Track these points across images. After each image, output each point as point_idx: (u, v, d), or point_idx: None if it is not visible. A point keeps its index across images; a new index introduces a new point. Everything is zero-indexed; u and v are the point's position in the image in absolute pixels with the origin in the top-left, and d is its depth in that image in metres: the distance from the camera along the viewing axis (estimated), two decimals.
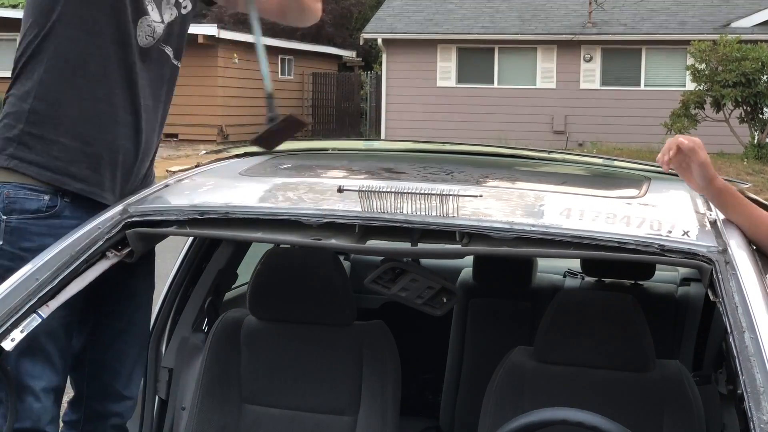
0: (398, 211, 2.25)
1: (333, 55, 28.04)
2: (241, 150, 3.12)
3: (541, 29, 22.12)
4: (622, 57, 21.83)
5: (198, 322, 3.16)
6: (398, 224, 2.25)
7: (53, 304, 2.20)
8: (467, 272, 3.82)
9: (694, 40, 17.95)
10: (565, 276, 4.00)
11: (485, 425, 2.60)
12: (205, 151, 3.31)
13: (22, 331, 2.13)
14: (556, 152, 3.13)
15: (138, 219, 2.37)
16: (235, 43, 21.80)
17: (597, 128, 21.11)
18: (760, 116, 17.45)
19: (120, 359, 2.67)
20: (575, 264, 3.96)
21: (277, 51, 23.26)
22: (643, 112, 20.66)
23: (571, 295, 3.33)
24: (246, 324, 2.87)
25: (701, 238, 2.16)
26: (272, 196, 2.44)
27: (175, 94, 2.73)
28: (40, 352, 2.42)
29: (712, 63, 17.06)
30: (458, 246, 2.25)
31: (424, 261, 2.85)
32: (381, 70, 23.89)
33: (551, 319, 2.65)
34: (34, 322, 2.15)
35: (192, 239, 3.15)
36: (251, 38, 2.58)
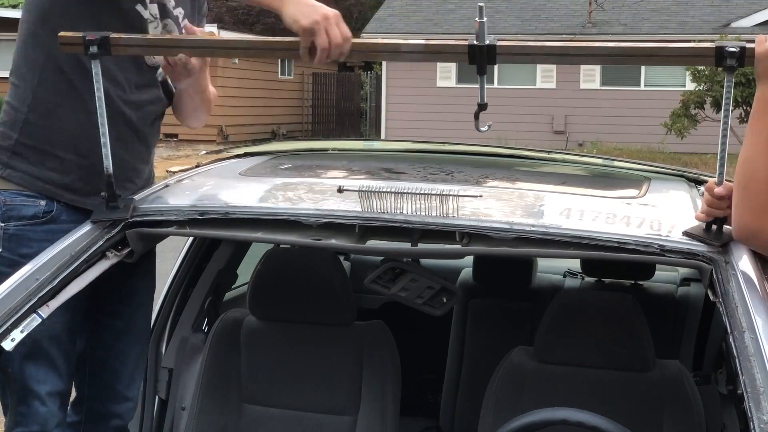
0: (398, 211, 2.25)
1: None
2: (241, 150, 3.12)
3: (541, 29, 22.11)
4: None
5: (198, 322, 3.16)
6: (398, 224, 2.25)
7: (53, 304, 2.20)
8: (467, 272, 3.82)
9: (694, 40, 17.91)
10: (565, 276, 4.00)
11: (485, 425, 2.60)
12: (205, 151, 3.31)
13: (22, 331, 2.12)
14: (555, 152, 3.13)
15: (138, 219, 2.37)
16: None
17: (597, 128, 21.10)
18: None
19: (121, 359, 2.66)
20: (575, 264, 3.95)
21: None
22: (643, 112, 20.64)
23: (571, 295, 3.33)
24: (246, 324, 2.87)
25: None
26: (272, 196, 2.44)
27: None
28: (44, 356, 2.42)
29: None
30: (458, 246, 2.25)
31: (424, 261, 2.85)
32: (381, 70, 23.88)
33: (551, 319, 2.65)
34: (34, 322, 2.15)
35: (192, 239, 3.15)
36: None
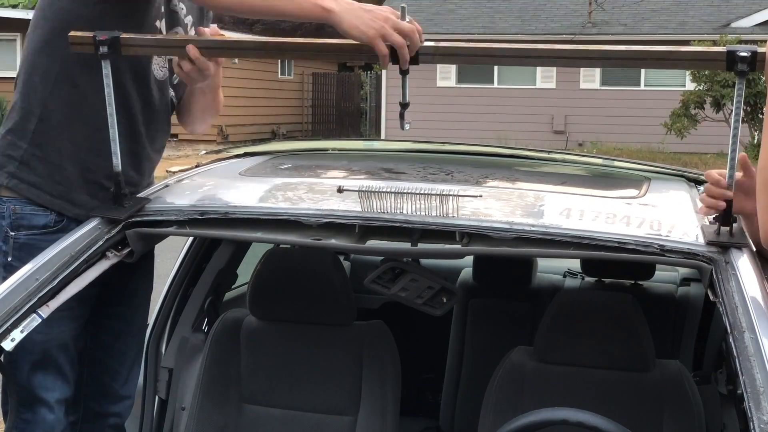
0: (398, 211, 2.25)
1: None
2: (241, 150, 3.12)
3: (541, 29, 22.11)
4: None
5: (198, 322, 3.16)
6: (398, 224, 2.25)
7: (53, 304, 2.20)
8: (467, 272, 3.82)
9: (694, 41, 17.94)
10: (565, 276, 4.00)
11: (485, 425, 2.60)
12: (205, 151, 3.31)
13: (22, 331, 2.12)
14: (555, 152, 3.12)
15: (138, 219, 2.37)
16: None
17: (597, 128, 21.10)
18: (760, 116, 17.43)
19: (119, 360, 2.66)
20: (575, 264, 3.95)
21: None
22: (643, 112, 20.65)
23: (571, 295, 3.33)
24: (246, 324, 2.87)
25: (701, 238, 2.16)
26: (272, 196, 2.44)
27: None
28: (53, 364, 2.42)
29: None
30: (458, 246, 2.25)
31: (424, 261, 2.85)
32: (381, 70, 23.88)
33: (551, 319, 2.65)
34: (34, 322, 2.15)
35: (192, 239, 3.15)
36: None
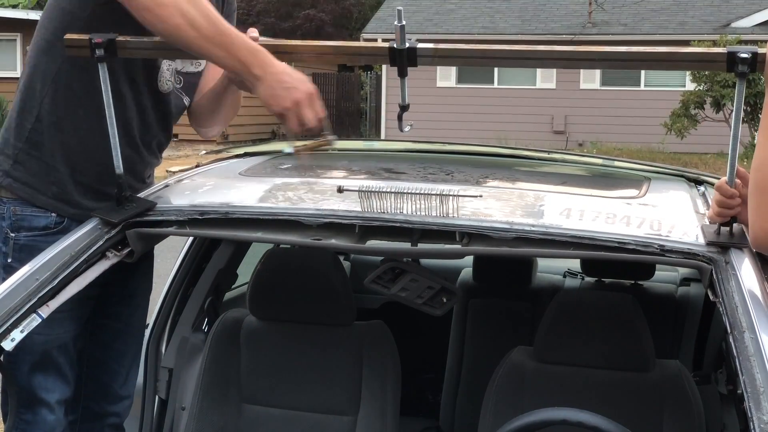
0: (398, 211, 2.25)
1: None
2: (241, 150, 3.12)
3: (541, 29, 22.11)
4: None
5: (198, 322, 3.16)
6: (398, 224, 2.25)
7: (53, 304, 2.20)
8: (467, 272, 3.82)
9: (694, 41, 17.95)
10: (565, 276, 4.00)
11: (485, 425, 2.60)
12: (205, 151, 3.30)
13: (22, 331, 2.12)
14: (555, 152, 3.12)
15: (138, 219, 2.37)
16: None
17: (597, 128, 21.10)
18: (760, 116, 17.38)
19: (118, 359, 2.66)
20: (575, 264, 3.95)
21: None
22: (643, 112, 20.65)
23: (571, 295, 3.33)
24: (246, 324, 2.87)
25: (701, 238, 2.16)
26: (272, 196, 2.44)
27: None
28: (53, 365, 2.42)
29: None
30: (458, 246, 2.25)
31: (424, 261, 2.85)
32: (381, 70, 23.87)
33: (551, 319, 2.65)
34: (34, 322, 2.15)
35: (192, 239, 3.15)
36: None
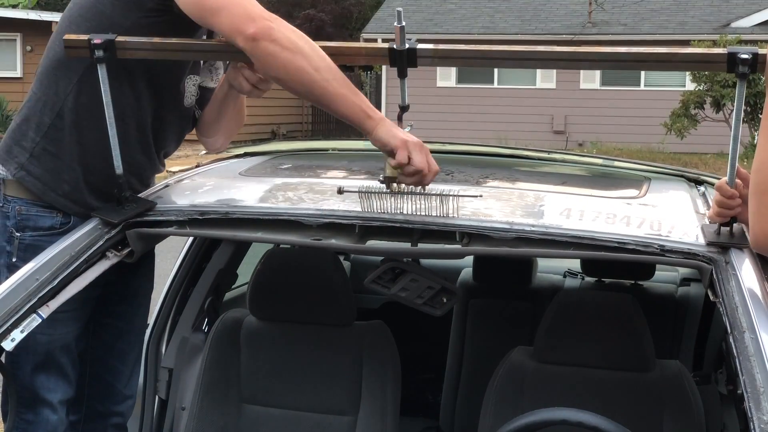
0: (398, 211, 2.25)
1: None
2: (241, 150, 3.12)
3: (541, 29, 22.11)
4: None
5: (198, 322, 3.16)
6: (398, 224, 2.25)
7: (53, 304, 2.20)
8: (467, 272, 3.82)
9: (694, 41, 17.94)
10: (565, 276, 4.00)
11: (485, 425, 2.60)
12: (205, 151, 3.31)
13: (22, 331, 2.12)
14: (555, 152, 3.12)
15: (138, 219, 2.37)
16: None
17: (597, 128, 21.10)
18: (760, 116, 17.38)
19: (122, 359, 2.67)
20: (575, 264, 3.95)
21: None
22: (643, 112, 20.64)
23: (571, 295, 3.33)
24: (246, 324, 2.87)
25: (701, 238, 2.16)
26: (272, 196, 2.44)
27: None
28: (56, 365, 2.42)
29: None
30: (458, 246, 2.25)
31: (424, 261, 2.85)
32: (381, 70, 23.84)
33: (551, 319, 2.65)
34: (34, 322, 2.15)
35: (192, 239, 3.15)
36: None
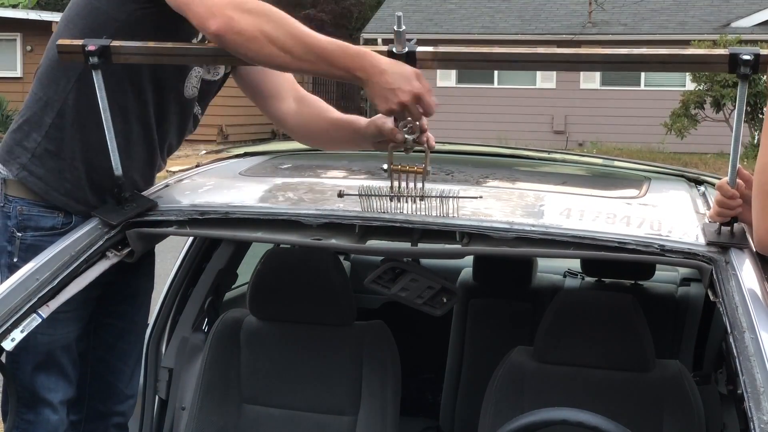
0: (398, 211, 2.25)
1: None
2: (241, 150, 3.12)
3: (541, 29, 22.11)
4: None
5: (198, 322, 3.16)
6: (398, 224, 2.25)
7: (53, 304, 2.20)
8: (467, 272, 3.82)
9: (694, 40, 17.94)
10: (565, 276, 4.00)
11: (485, 425, 2.60)
12: (205, 151, 3.31)
13: (22, 331, 2.12)
14: (556, 152, 3.13)
15: (138, 219, 2.37)
16: None
17: (597, 128, 21.10)
18: (760, 116, 17.42)
19: (123, 358, 2.67)
20: (575, 264, 3.95)
21: None
22: (643, 112, 20.64)
23: (571, 295, 3.33)
24: (246, 324, 2.87)
25: (701, 238, 2.16)
26: (272, 196, 2.44)
27: None
28: (56, 365, 2.42)
29: None
30: (458, 246, 2.25)
31: (424, 261, 2.85)
32: None
33: (551, 319, 2.65)
34: (34, 322, 2.15)
35: (192, 239, 3.15)
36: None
